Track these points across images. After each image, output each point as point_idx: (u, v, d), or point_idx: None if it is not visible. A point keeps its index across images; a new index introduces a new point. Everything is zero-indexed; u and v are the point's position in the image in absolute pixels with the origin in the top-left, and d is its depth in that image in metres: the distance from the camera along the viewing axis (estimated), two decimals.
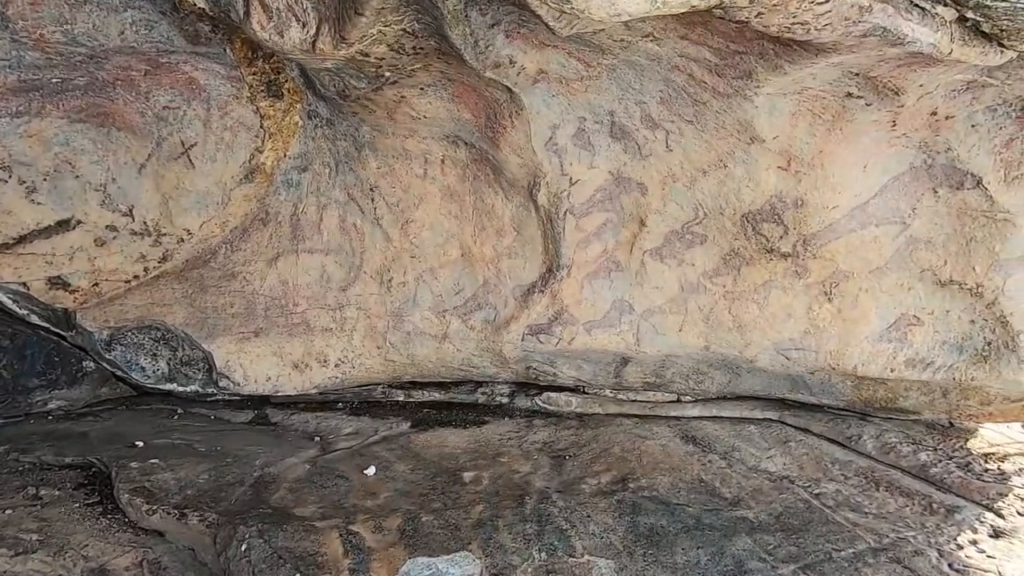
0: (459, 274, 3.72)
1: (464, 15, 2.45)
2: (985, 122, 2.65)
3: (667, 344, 3.66)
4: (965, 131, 2.69)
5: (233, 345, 3.62)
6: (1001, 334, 3.11)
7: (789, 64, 2.28)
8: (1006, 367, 3.13)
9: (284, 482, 3.01)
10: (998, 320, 3.08)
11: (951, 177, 2.87)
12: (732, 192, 3.12)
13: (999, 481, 3.27)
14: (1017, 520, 2.93)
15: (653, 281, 3.56)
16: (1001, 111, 2.61)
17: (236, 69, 3.32)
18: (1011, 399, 3.41)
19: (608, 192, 3.36)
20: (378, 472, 3.17)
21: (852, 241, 3.16)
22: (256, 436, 3.62)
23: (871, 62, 2.24)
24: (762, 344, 3.53)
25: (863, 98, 2.50)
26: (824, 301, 3.36)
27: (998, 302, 3.03)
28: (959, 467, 3.43)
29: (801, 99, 2.59)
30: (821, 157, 2.85)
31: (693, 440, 3.84)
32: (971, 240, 2.99)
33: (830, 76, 2.43)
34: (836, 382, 3.79)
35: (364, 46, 2.71)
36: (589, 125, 3.09)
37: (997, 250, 2.95)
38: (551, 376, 4.12)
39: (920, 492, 3.23)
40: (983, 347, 3.19)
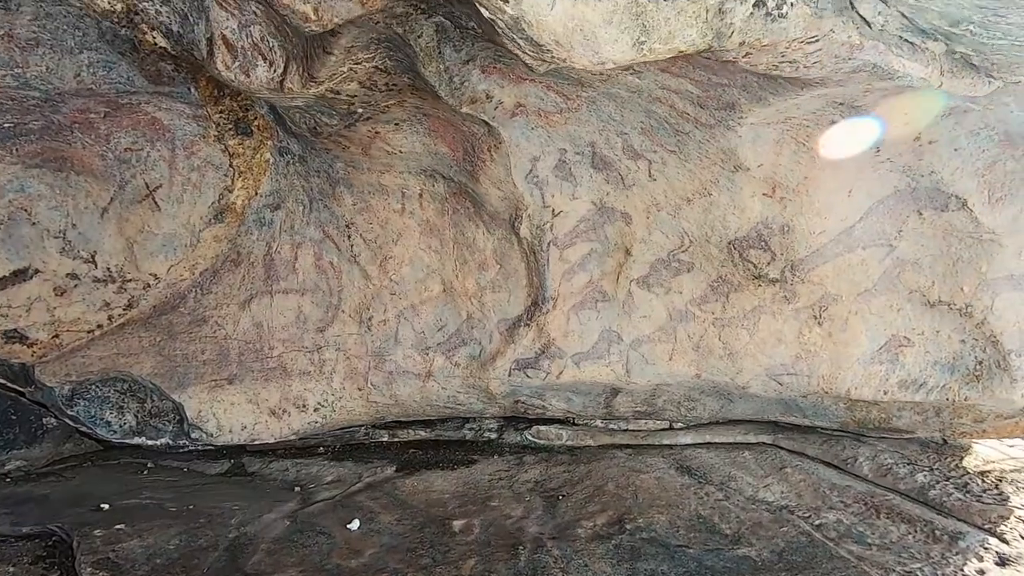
0: (441, 310, 3.58)
1: (437, 52, 2.35)
2: (968, 146, 2.62)
3: (657, 373, 3.55)
4: (948, 155, 2.65)
5: (205, 394, 3.41)
6: (992, 353, 3.06)
7: (773, 96, 2.22)
8: (998, 386, 3.08)
9: (262, 543, 2.80)
10: (988, 339, 3.04)
11: (935, 199, 2.83)
12: (717, 219, 3.04)
13: (999, 503, 3.20)
14: (1022, 545, 2.85)
15: (641, 310, 3.46)
16: (984, 135, 2.58)
17: (202, 108, 3.17)
18: (1004, 416, 3.36)
19: (592, 222, 3.26)
20: (362, 525, 2.98)
21: (840, 265, 3.10)
22: (232, 489, 3.40)
23: (858, 93, 2.18)
24: (754, 370, 3.44)
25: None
26: (814, 325, 3.29)
27: (987, 321, 2.99)
28: (957, 488, 3.36)
29: (785, 128, 2.53)
30: (806, 183, 2.79)
31: (688, 471, 3.72)
32: (958, 260, 2.95)
33: (814, 106, 2.37)
34: (829, 404, 3.71)
35: (335, 84, 2.59)
36: (570, 156, 2.99)
37: (984, 270, 2.91)
38: (540, 409, 3.98)
39: (921, 518, 3.14)
40: (975, 366, 3.14)
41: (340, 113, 2.89)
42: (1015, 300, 2.91)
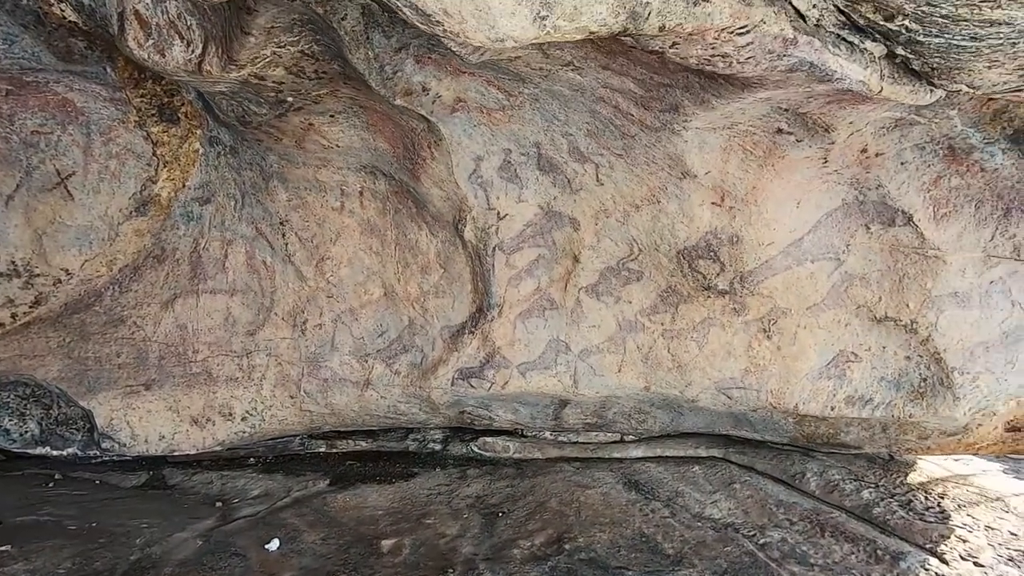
0: (382, 315, 3.38)
1: (365, 37, 2.16)
2: (914, 159, 2.56)
3: (606, 385, 3.42)
4: (895, 168, 2.59)
5: (119, 401, 3.13)
6: (936, 371, 3.02)
7: (716, 98, 2.11)
8: (941, 404, 3.04)
9: (166, 566, 2.55)
10: (932, 356, 3.00)
11: (883, 214, 2.77)
12: (666, 228, 2.93)
13: (940, 521, 3.16)
14: (961, 566, 2.80)
15: (590, 320, 3.32)
16: (929, 149, 2.52)
17: (120, 91, 2.91)
18: (947, 433, 3.33)
19: (539, 227, 3.11)
20: (283, 545, 2.75)
21: (789, 278, 3.03)
22: (145, 504, 3.12)
23: (800, 98, 2.09)
24: (703, 384, 3.34)
25: (793, 134, 2.35)
26: (763, 339, 3.20)
27: (932, 338, 2.94)
28: (901, 506, 3.31)
29: (732, 134, 2.43)
30: (755, 193, 2.70)
31: (636, 486, 3.61)
32: (904, 276, 2.89)
33: (759, 111, 2.27)
34: (779, 419, 3.64)
35: (258, 68, 2.38)
36: (515, 157, 2.84)
37: (929, 287, 2.86)
38: (487, 420, 3.81)
39: (864, 537, 3.08)
40: (919, 383, 3.10)
41: (269, 101, 2.68)
42: (958, 318, 2.88)
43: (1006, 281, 2.79)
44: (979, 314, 2.86)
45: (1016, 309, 2.83)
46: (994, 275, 2.79)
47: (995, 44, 1.42)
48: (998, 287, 2.80)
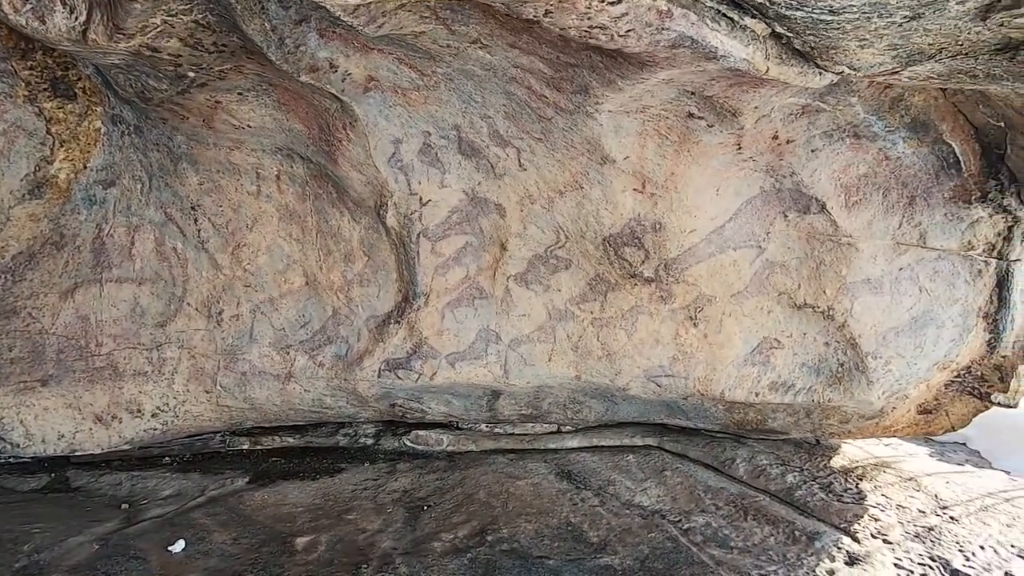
0: (304, 304, 3.26)
1: (260, 7, 2.06)
2: (824, 147, 2.62)
3: (537, 375, 3.40)
4: (806, 156, 2.65)
5: (11, 398, 2.92)
6: (852, 356, 3.12)
7: (620, 79, 2.09)
8: (857, 387, 3.14)
9: (55, 572, 2.38)
10: (848, 342, 3.09)
11: (798, 201, 2.83)
12: (591, 215, 2.92)
13: (856, 501, 3.27)
14: (871, 544, 2.90)
15: (520, 308, 3.30)
16: (836, 136, 2.59)
17: (5, 62, 2.70)
18: (866, 417, 3.45)
19: (465, 213, 3.06)
20: (188, 547, 2.61)
21: (713, 265, 3.06)
22: (42, 508, 2.93)
23: (702, 80, 2.09)
24: (632, 372, 3.35)
25: (704, 119, 2.37)
26: (690, 326, 3.24)
27: (848, 325, 3.03)
28: (822, 488, 3.42)
29: (645, 118, 2.43)
30: (674, 179, 2.71)
31: (569, 476, 3.61)
32: (821, 264, 2.97)
33: (668, 95, 2.28)
34: (709, 407, 3.70)
35: (149, 39, 2.23)
36: (435, 140, 2.77)
37: (844, 273, 2.94)
38: (419, 413, 3.74)
39: (785, 519, 3.16)
40: (837, 369, 3.19)
41: (168, 76, 2.53)
42: (872, 304, 2.97)
43: (914, 268, 2.90)
44: (890, 300, 2.96)
45: (923, 295, 2.94)
46: (903, 262, 2.89)
47: (853, 19, 1.44)
48: (906, 274, 2.91)
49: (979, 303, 2.90)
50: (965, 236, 2.76)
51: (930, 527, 2.98)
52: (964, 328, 2.96)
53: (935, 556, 2.74)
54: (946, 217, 2.72)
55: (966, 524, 2.99)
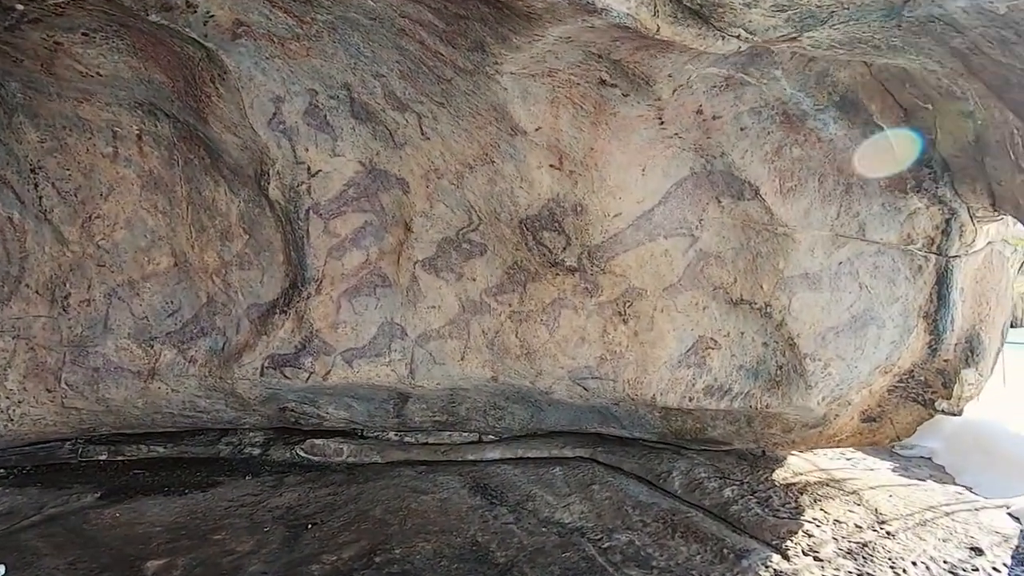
0: (172, 289, 3.14)
1: None
2: (753, 125, 2.70)
3: (448, 375, 3.38)
4: (735, 134, 2.72)
5: None
6: (791, 357, 3.22)
7: (514, 35, 2.10)
8: (795, 392, 3.25)
9: None
10: (787, 343, 3.19)
11: (731, 186, 2.90)
12: (505, 193, 2.92)
13: (792, 517, 3.39)
14: (801, 561, 3.01)
15: (429, 299, 3.27)
16: (765, 114, 2.66)
17: None
18: (808, 425, 3.58)
19: (363, 187, 3.01)
20: (9, 574, 2.47)
21: (642, 254, 3.11)
22: None
23: (603, 41, 2.12)
24: (555, 373, 3.38)
25: (618, 87, 2.40)
26: (619, 322, 3.28)
27: (785, 323, 3.13)
28: (759, 503, 3.52)
29: (555, 84, 2.44)
30: (594, 156, 2.74)
31: (484, 490, 3.61)
32: (757, 255, 3.06)
33: (573, 57, 2.29)
34: (644, 414, 3.76)
35: None
36: (323, 100, 2.71)
37: (781, 267, 3.03)
38: (315, 419, 3.67)
39: (715, 536, 3.24)
40: (775, 371, 3.29)
41: None
42: (810, 300, 3.07)
43: (853, 262, 3.01)
44: (829, 297, 3.07)
45: (863, 292, 3.07)
46: (842, 255, 3.01)
47: None
48: (846, 268, 3.02)
49: (920, 302, 3.05)
50: (904, 228, 2.90)
51: (864, 543, 3.11)
52: (905, 328, 3.10)
53: (864, 573, 2.86)
54: (884, 207, 2.84)
55: (902, 539, 3.13)
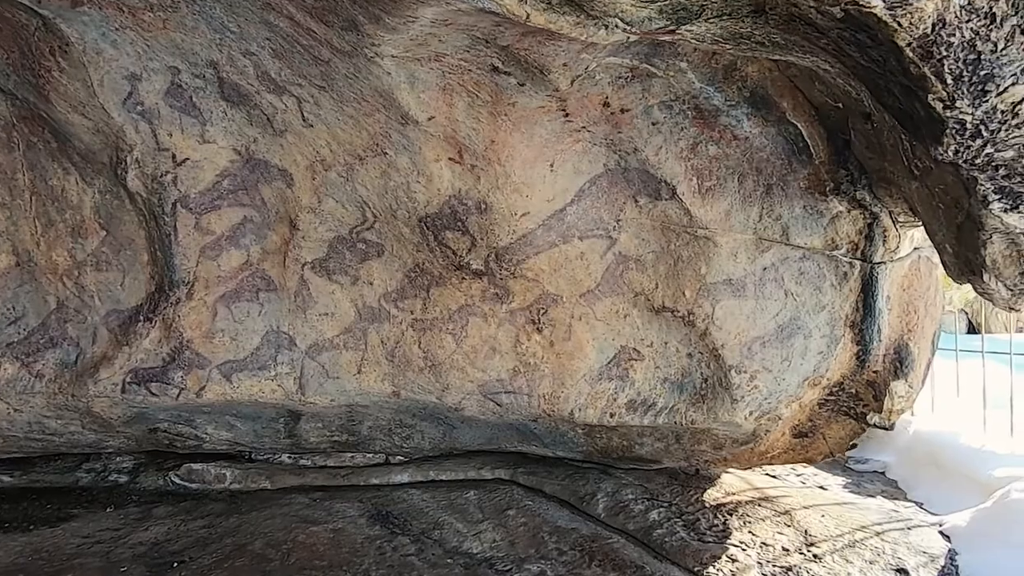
0: (15, 292, 3.01)
1: None
2: (665, 120, 2.77)
3: (344, 391, 3.35)
4: (647, 130, 2.79)
5: None
6: (715, 369, 3.32)
7: (385, 15, 2.10)
8: (720, 407, 3.35)
9: None
10: (712, 353, 3.29)
11: (648, 184, 2.98)
12: (401, 188, 2.91)
13: (718, 541, 3.50)
14: None
15: (320, 305, 3.24)
16: (677, 109, 2.74)
17: None
18: (739, 442, 3.69)
19: (240, 179, 2.95)
20: None
21: (556, 257, 3.15)
22: None
23: (484, 25, 2.15)
24: (464, 387, 3.39)
25: (512, 75, 2.43)
26: (533, 331, 3.32)
27: (710, 332, 3.23)
28: (685, 526, 3.63)
29: (444, 70, 2.45)
30: (496, 149, 2.76)
31: (385, 519, 3.59)
32: (678, 260, 3.14)
33: (459, 41, 2.31)
34: (566, 431, 3.82)
35: None
36: (187, 80, 2.65)
37: (703, 272, 3.13)
38: (193, 441, 3.57)
39: (635, 564, 3.32)
40: (701, 385, 3.39)
41: None
42: (734, 308, 3.18)
43: (778, 268, 3.13)
44: (754, 304, 3.18)
45: (789, 299, 3.19)
46: (766, 261, 3.12)
47: None
48: (771, 274, 3.14)
49: (846, 310, 3.20)
50: (828, 233, 3.03)
51: (789, 567, 3.24)
52: (832, 339, 3.24)
53: None
54: (806, 211, 2.97)
55: (828, 563, 3.28)
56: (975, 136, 1.51)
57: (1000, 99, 1.42)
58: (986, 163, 1.55)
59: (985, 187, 1.62)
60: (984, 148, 1.53)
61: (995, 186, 1.61)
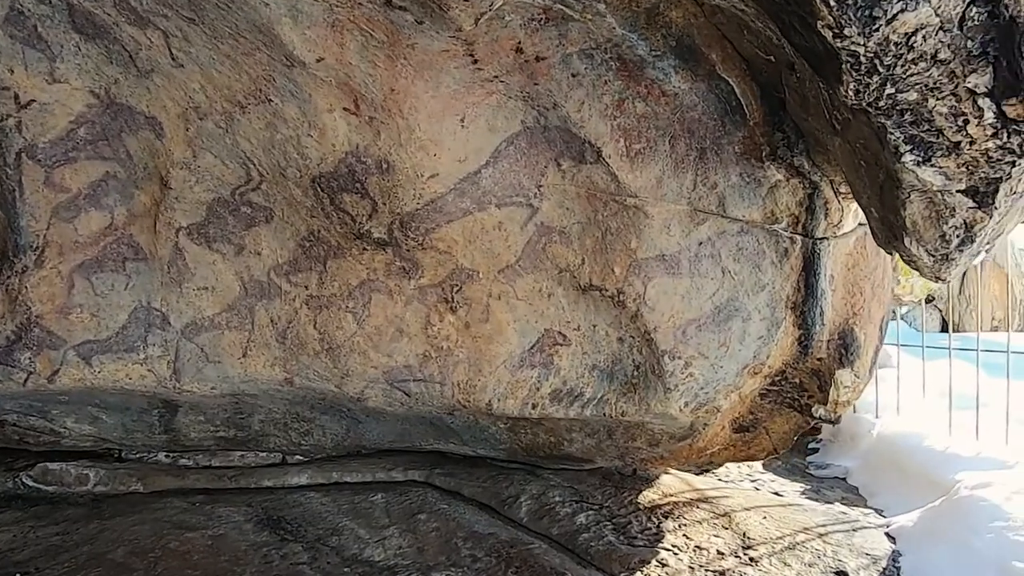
0: None
1: None
2: (587, 72, 2.78)
3: (227, 377, 3.27)
4: (567, 82, 2.79)
5: None
6: (648, 355, 3.36)
7: None
8: (653, 397, 3.39)
9: None
10: (644, 337, 3.32)
11: (571, 145, 2.99)
12: (291, 142, 2.85)
13: (649, 545, 3.55)
14: None
15: (199, 278, 3.16)
16: (599, 59, 2.76)
17: None
18: (676, 437, 3.75)
19: (99, 127, 2.84)
20: None
21: (470, 227, 3.14)
22: None
23: None
24: (367, 374, 3.35)
25: (408, 11, 2.40)
26: (446, 311, 3.30)
27: (641, 314, 3.26)
28: (615, 530, 3.67)
29: (332, 2, 2.41)
30: (396, 99, 2.73)
31: (277, 524, 3.53)
32: (607, 232, 3.16)
33: None
34: (487, 425, 3.81)
35: None
36: (30, 5, 2.54)
37: (633, 246, 3.15)
38: (48, 436, 3.43)
39: (555, 570, 3.34)
40: (632, 373, 3.43)
41: None
42: (668, 287, 3.21)
43: (715, 243, 3.18)
44: (689, 284, 3.22)
45: (727, 278, 3.25)
46: (702, 235, 3.17)
47: None
48: (707, 250, 3.19)
49: (787, 290, 3.28)
50: (767, 205, 3.09)
51: (722, 571, 3.31)
52: (773, 322, 3.32)
53: None
54: (742, 179, 3.02)
55: (764, 566, 3.36)
56: (871, 72, 1.56)
57: (891, 28, 1.46)
58: (890, 107, 1.60)
59: (895, 136, 1.67)
60: (884, 87, 1.57)
61: (904, 135, 1.66)
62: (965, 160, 1.69)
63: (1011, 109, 1.49)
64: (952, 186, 1.80)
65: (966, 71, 1.49)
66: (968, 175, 1.75)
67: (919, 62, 1.49)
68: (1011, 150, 1.60)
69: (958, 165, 1.72)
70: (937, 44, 1.47)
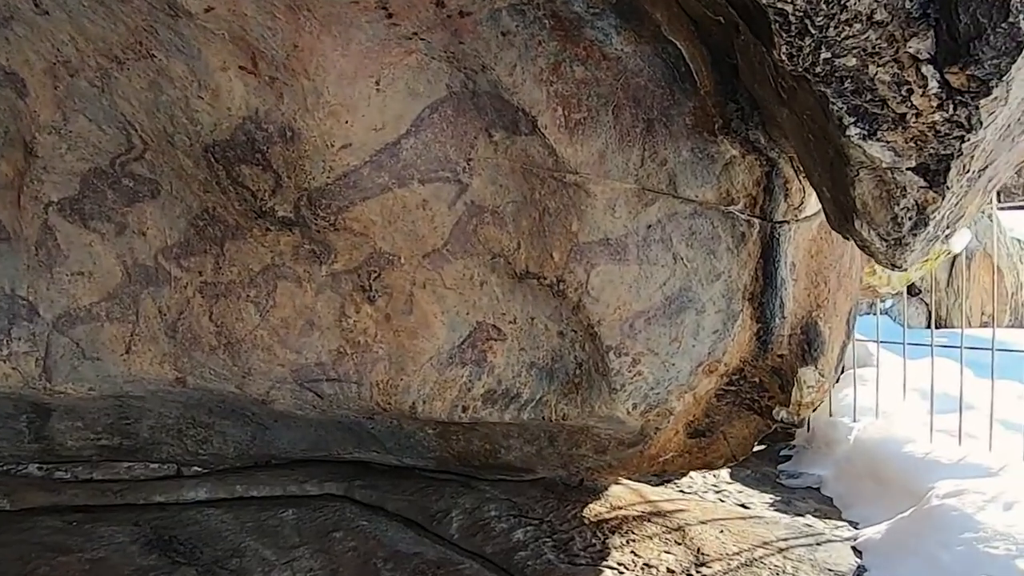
0: None
1: None
2: (518, 30, 2.78)
3: (108, 376, 3.20)
4: (496, 41, 2.78)
5: None
6: (591, 351, 3.38)
7: None
8: (597, 398, 3.41)
9: None
10: (587, 331, 3.34)
11: (503, 114, 2.98)
12: (178, 105, 2.79)
13: (592, 563, 3.59)
14: None
15: (73, 262, 3.08)
16: (531, 15, 2.75)
17: None
18: (626, 444, 3.79)
19: None
20: None
21: (390, 205, 3.11)
22: None
23: None
24: (273, 372, 3.31)
25: None
26: (363, 302, 3.28)
27: (583, 305, 3.27)
28: (555, 547, 3.70)
29: None
30: (301, 58, 2.68)
31: (166, 545, 3.47)
32: (544, 213, 3.16)
33: None
34: (413, 431, 3.79)
35: None
36: None
37: (575, 229, 3.16)
38: None
39: None
40: (575, 371, 3.44)
41: None
42: (613, 275, 3.23)
43: (665, 226, 3.21)
44: (638, 271, 3.24)
45: (679, 266, 3.28)
46: (651, 217, 3.19)
47: None
48: (657, 234, 3.21)
49: (744, 280, 3.32)
50: (721, 183, 3.13)
51: None
52: (729, 314, 3.36)
53: None
54: (694, 154, 3.05)
55: None
56: (802, 33, 1.58)
57: None
58: (829, 73, 1.63)
59: (838, 106, 1.69)
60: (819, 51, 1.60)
61: (847, 105, 1.68)
62: (913, 134, 1.73)
63: (954, 78, 1.52)
64: (902, 163, 1.84)
65: (906, 35, 1.52)
66: (918, 151, 1.79)
67: (854, 23, 1.51)
68: (959, 123, 1.64)
69: (906, 140, 1.75)
70: (872, 3, 1.50)
